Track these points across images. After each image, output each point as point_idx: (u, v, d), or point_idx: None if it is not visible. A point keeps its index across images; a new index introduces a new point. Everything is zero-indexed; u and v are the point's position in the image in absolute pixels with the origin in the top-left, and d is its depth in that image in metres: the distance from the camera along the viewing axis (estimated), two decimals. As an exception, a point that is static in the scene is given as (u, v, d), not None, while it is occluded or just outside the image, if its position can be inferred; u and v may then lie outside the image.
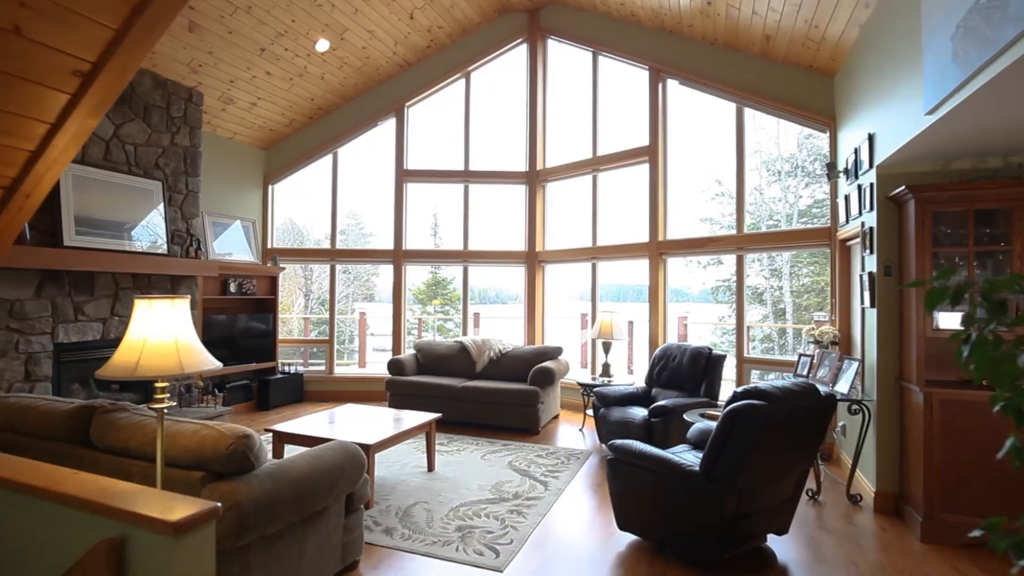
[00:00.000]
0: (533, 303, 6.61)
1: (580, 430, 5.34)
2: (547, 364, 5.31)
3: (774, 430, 2.33)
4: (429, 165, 6.79)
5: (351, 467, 2.35)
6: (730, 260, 12.57)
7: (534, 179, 6.62)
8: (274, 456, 3.60)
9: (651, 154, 5.69)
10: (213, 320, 5.68)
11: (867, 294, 3.57)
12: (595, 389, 4.73)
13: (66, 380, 4.34)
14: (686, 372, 4.56)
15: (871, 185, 3.50)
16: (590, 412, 5.12)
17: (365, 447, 3.26)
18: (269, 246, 6.69)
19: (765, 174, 11.83)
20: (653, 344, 5.61)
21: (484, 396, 5.20)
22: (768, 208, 11.68)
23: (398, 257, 6.69)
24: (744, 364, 5.17)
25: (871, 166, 3.50)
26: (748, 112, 5.19)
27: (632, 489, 2.75)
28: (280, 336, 6.72)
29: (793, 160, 11.74)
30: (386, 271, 6.76)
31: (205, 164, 5.77)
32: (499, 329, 13.18)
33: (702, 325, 12.52)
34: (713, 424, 3.23)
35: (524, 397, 5.07)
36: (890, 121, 3.19)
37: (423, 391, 5.42)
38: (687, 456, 2.85)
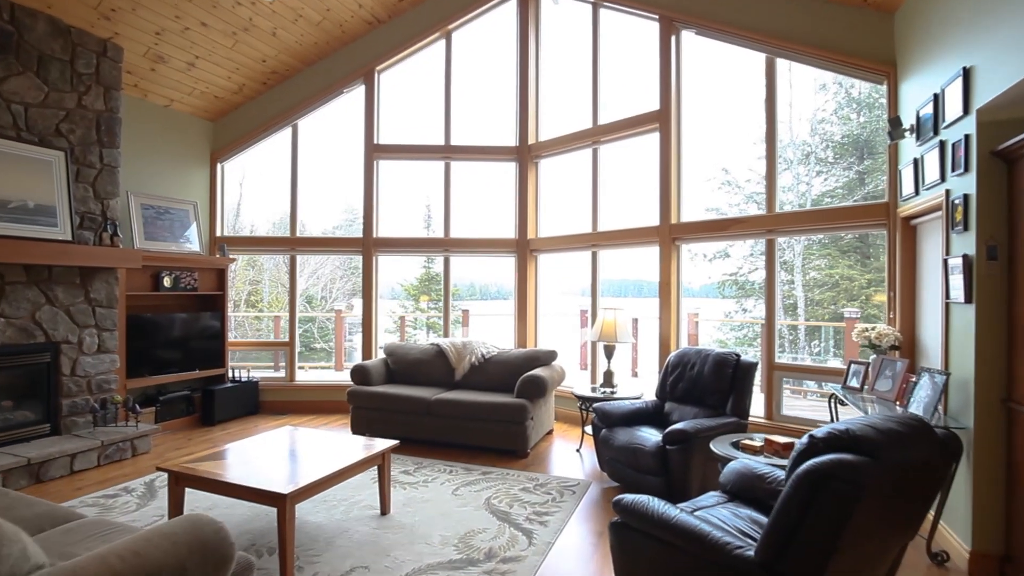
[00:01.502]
0: (524, 298, 5.75)
1: (578, 450, 4.49)
2: (538, 372, 4.45)
3: (877, 497, 1.47)
4: (405, 139, 5.91)
5: (197, 567, 1.47)
6: (737, 253, 11.72)
7: (525, 155, 5.74)
8: (170, 506, 2.75)
9: (662, 120, 4.81)
10: (141, 321, 4.82)
11: (958, 284, 2.70)
12: (595, 405, 3.87)
13: (-69, 398, 3.48)
14: (708, 384, 3.70)
15: (965, 138, 2.63)
16: (589, 430, 4.27)
17: (279, 498, 2.41)
18: (218, 234, 5.82)
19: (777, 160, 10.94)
20: (664, 347, 4.75)
21: (462, 411, 4.35)
22: (778, 199, 10.78)
23: (368, 246, 5.83)
24: (775, 371, 4.31)
25: (966, 112, 2.62)
26: (781, 78, 4.30)
27: (647, 572, 1.89)
28: (232, 338, 5.86)
29: (805, 147, 10.83)
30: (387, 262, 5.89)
31: (133, 135, 4.90)
32: (493, 328, 12.35)
33: (706, 322, 11.69)
34: (754, 462, 2.37)
35: (510, 412, 4.22)
36: (1000, 46, 2.32)
37: (390, 404, 4.57)
38: (727, 518, 1.99)
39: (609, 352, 4.52)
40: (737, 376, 3.62)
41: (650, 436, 3.45)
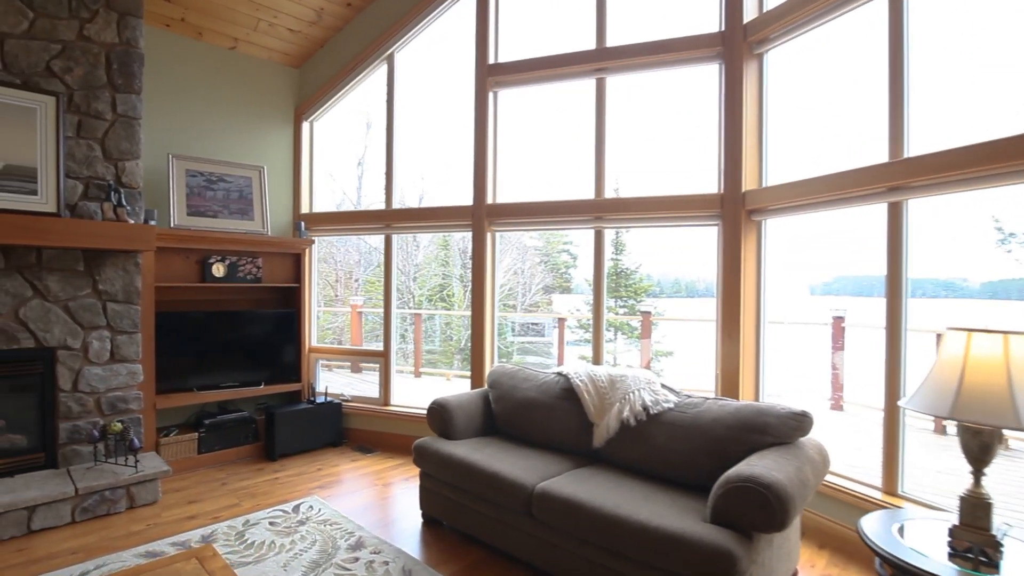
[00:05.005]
0: (735, 297, 3.34)
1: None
2: (767, 466, 2.07)
3: None
4: (533, 53, 3.98)
5: None
6: None
7: (738, 45, 3.31)
8: None
9: None
10: (178, 320, 3.85)
11: None
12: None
13: None
14: None
15: None
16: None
17: None
18: (304, 210, 4.70)
19: None
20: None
21: (588, 526, 2.22)
22: None
23: (479, 218, 4.07)
24: None
25: None
26: None
27: None
28: (314, 343, 4.69)
29: None
30: (582, 249, 4.11)
31: (181, 86, 3.97)
32: (687, 340, 9.61)
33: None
34: None
35: (696, 559, 1.93)
36: None
37: (468, 482, 2.71)
38: None
39: (983, 452, 1.80)
40: None
41: None
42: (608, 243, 3.83)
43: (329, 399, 4.38)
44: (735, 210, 3.31)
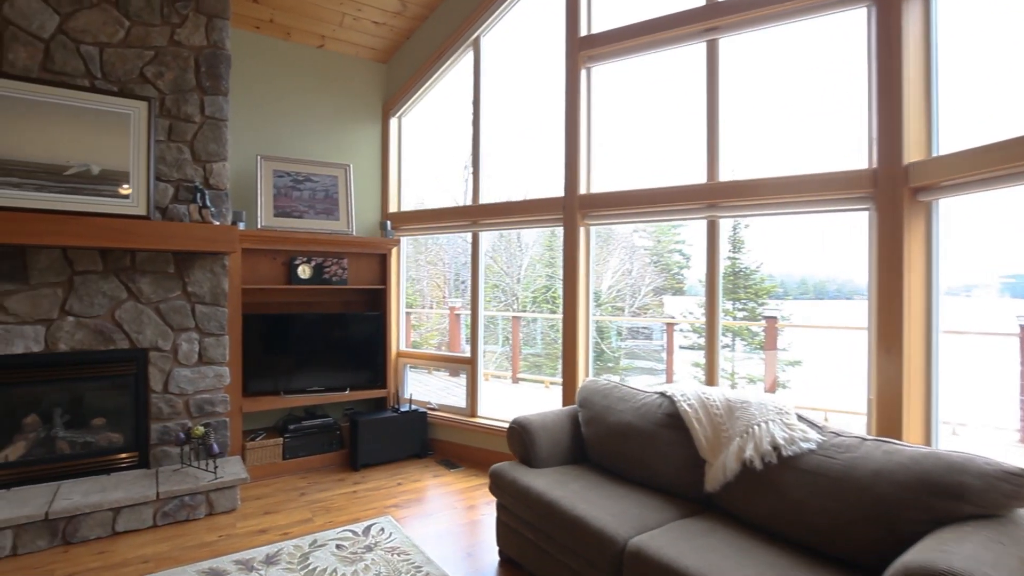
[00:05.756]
0: (896, 297, 2.58)
1: None
2: (973, 557, 1.43)
3: None
4: (629, 20, 3.46)
5: None
6: None
7: (884, -36, 2.56)
8: None
9: None
10: (265, 323, 3.82)
11: None
12: None
13: (-6, 412, 2.96)
14: None
15: None
16: None
17: None
18: (392, 209, 4.54)
19: None
20: None
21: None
22: None
23: (571, 210, 3.61)
24: None
25: None
26: None
27: None
28: (403, 346, 4.51)
29: None
30: (695, 249, 3.66)
31: (269, 87, 3.97)
32: (816, 347, 8.31)
33: None
34: None
35: None
36: None
37: (548, 524, 2.27)
38: None
39: None
40: None
41: None
42: (723, 239, 3.18)
43: (414, 407, 4.16)
44: (893, 189, 2.54)
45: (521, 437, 2.68)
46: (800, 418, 2.11)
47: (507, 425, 3.81)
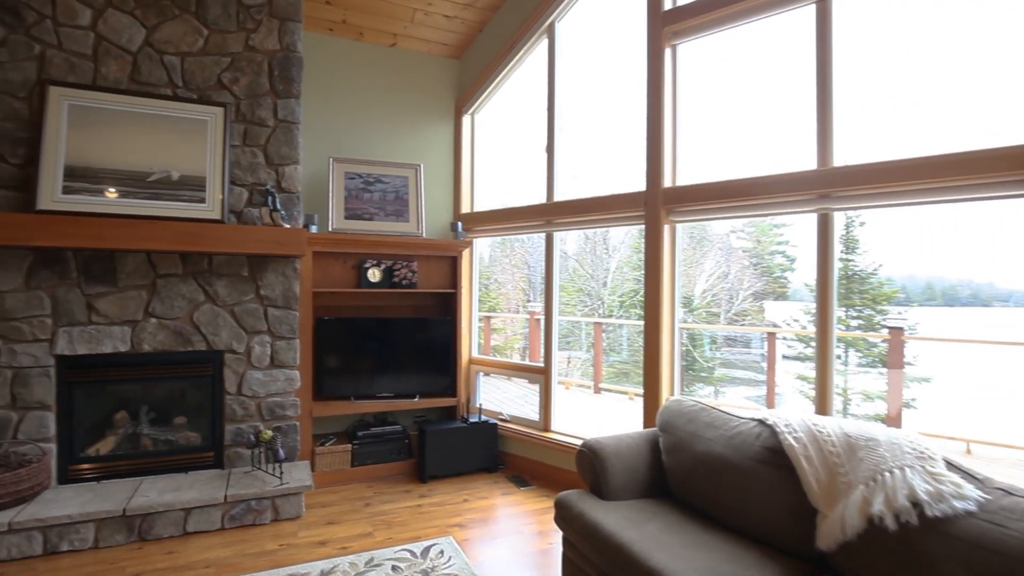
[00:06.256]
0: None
1: None
2: None
3: None
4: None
5: None
6: None
7: None
8: None
9: None
10: (335, 327, 3.79)
11: None
12: None
13: (87, 409, 3.12)
14: None
15: None
16: None
17: None
18: (464, 210, 4.39)
19: None
20: None
21: None
22: None
23: (653, 205, 3.25)
24: None
25: None
26: None
27: None
28: (476, 353, 4.34)
29: None
30: (801, 250, 3.23)
31: (349, 89, 3.98)
32: (946, 360, 7.10)
33: None
34: None
35: None
36: None
37: (618, 572, 1.96)
38: None
39: None
40: None
41: None
42: (836, 239, 2.67)
43: (484, 418, 3.96)
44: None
45: (591, 463, 2.37)
46: (951, 466, 1.64)
47: (577, 447, 3.51)
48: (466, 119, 4.42)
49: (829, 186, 2.59)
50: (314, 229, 3.67)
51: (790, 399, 7.51)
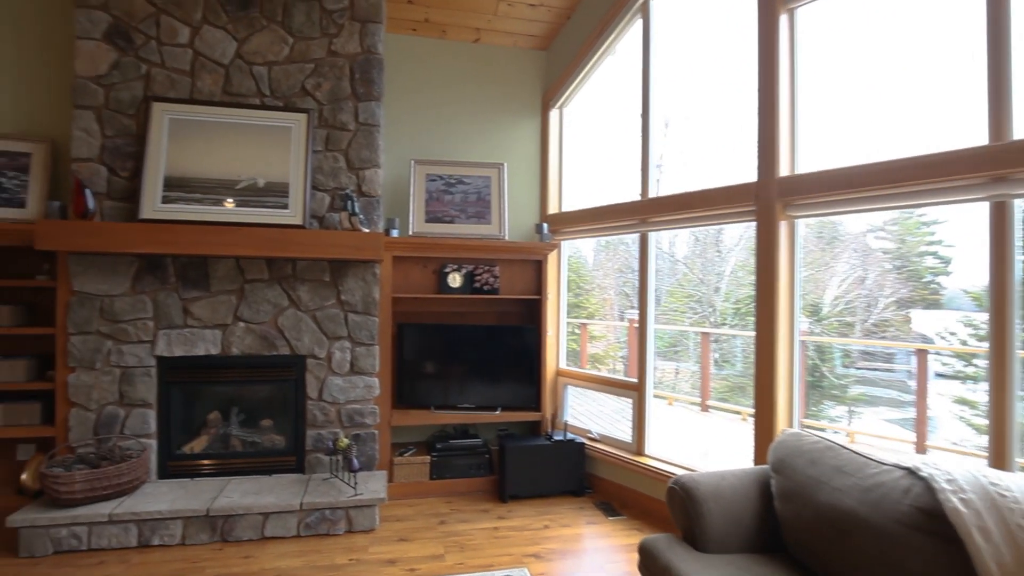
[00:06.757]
0: None
1: None
2: None
3: None
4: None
5: None
6: None
7: None
8: None
9: None
10: (415, 334, 3.69)
11: None
12: None
13: (183, 408, 3.28)
14: None
15: None
16: None
17: None
18: (551, 210, 4.13)
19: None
20: None
21: None
22: None
23: (766, 199, 2.77)
24: None
25: None
26: None
27: None
28: (562, 364, 4.05)
29: None
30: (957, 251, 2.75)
31: (430, 89, 3.91)
32: None
33: None
34: None
35: None
36: None
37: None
38: None
39: None
40: None
41: None
42: (1017, 232, 2.05)
43: (570, 436, 3.66)
44: None
45: (684, 506, 1.99)
46: None
47: (685, 470, 3.08)
48: (554, 113, 4.16)
49: (1006, 166, 1.99)
50: (395, 233, 3.61)
51: (946, 426, 6.35)
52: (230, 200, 3.13)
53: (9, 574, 2.51)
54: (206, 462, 3.26)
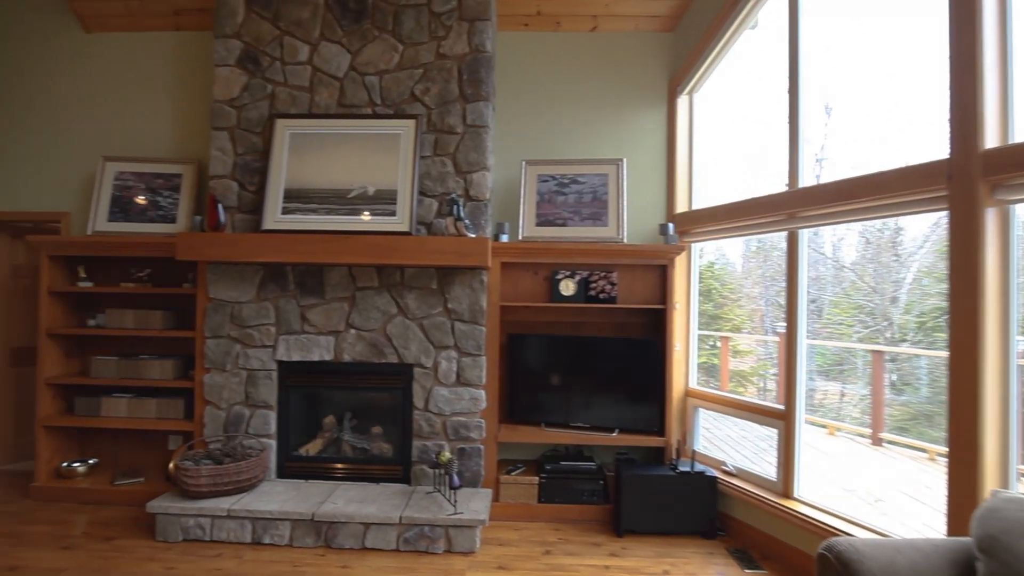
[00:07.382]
0: None
1: None
2: None
3: None
4: None
5: None
6: None
7: None
8: None
9: None
10: (525, 345, 3.47)
11: None
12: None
13: (300, 411, 3.41)
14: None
15: None
16: None
17: None
18: (678, 209, 3.68)
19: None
20: None
21: None
22: None
23: (964, 181, 2.11)
24: None
25: None
26: None
27: None
28: (692, 383, 3.57)
29: None
30: None
31: (543, 86, 3.73)
32: None
33: None
34: None
35: None
36: None
37: None
38: None
39: None
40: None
41: None
42: None
43: (699, 467, 3.17)
44: None
45: (838, 580, 1.50)
46: None
47: (845, 524, 2.48)
48: (682, 100, 3.71)
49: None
50: (504, 238, 3.44)
51: None
52: (343, 209, 3.20)
53: (145, 556, 2.73)
54: (320, 465, 3.34)
